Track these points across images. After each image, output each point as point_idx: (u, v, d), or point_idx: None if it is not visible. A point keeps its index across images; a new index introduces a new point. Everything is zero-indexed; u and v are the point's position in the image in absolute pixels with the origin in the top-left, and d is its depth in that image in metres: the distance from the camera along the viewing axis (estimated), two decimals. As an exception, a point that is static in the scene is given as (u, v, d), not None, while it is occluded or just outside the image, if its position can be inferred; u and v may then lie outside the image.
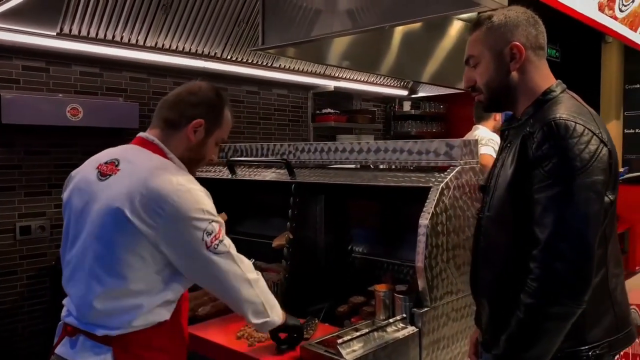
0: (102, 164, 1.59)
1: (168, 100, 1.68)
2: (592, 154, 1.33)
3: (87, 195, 1.56)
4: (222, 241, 1.55)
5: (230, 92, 4.34)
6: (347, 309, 2.37)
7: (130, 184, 1.49)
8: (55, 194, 3.33)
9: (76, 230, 1.57)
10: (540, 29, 1.55)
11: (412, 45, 4.17)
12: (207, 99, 1.66)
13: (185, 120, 1.62)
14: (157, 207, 1.45)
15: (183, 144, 1.63)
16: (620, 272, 1.51)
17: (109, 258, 1.49)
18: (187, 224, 1.48)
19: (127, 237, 1.47)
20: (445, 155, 2.16)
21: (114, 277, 1.48)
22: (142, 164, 1.55)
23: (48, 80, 3.30)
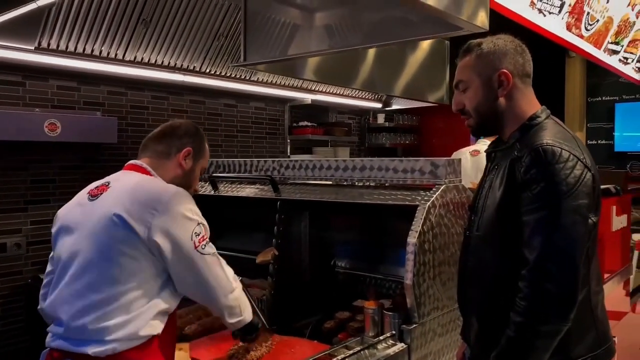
0: (92, 189, 1.70)
1: (153, 135, 1.82)
2: (577, 179, 1.41)
3: (79, 216, 1.65)
4: (208, 243, 1.64)
5: (208, 105, 4.34)
6: (333, 324, 2.40)
7: (123, 193, 1.61)
8: (32, 211, 3.26)
9: (70, 253, 1.61)
10: (526, 57, 1.63)
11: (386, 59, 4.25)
12: (191, 131, 1.85)
13: (175, 149, 1.78)
14: (150, 207, 1.56)
15: (172, 171, 1.76)
16: (600, 290, 1.59)
17: (106, 264, 1.55)
18: (177, 222, 1.58)
19: (124, 240, 1.54)
20: (430, 174, 2.22)
21: (111, 284, 1.54)
22: (131, 178, 1.69)
23: (24, 94, 3.24)
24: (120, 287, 1.54)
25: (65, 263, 1.61)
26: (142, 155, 1.79)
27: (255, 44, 3.04)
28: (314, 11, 2.93)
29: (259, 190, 2.80)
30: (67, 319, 1.56)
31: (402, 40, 2.67)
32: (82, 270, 1.57)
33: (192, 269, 1.61)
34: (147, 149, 1.79)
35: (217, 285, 1.66)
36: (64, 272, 1.61)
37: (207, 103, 4.32)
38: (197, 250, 1.60)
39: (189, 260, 1.59)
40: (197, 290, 1.66)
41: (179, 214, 1.59)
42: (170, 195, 1.61)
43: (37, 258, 3.26)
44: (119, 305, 1.53)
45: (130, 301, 1.54)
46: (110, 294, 1.53)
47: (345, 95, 5.16)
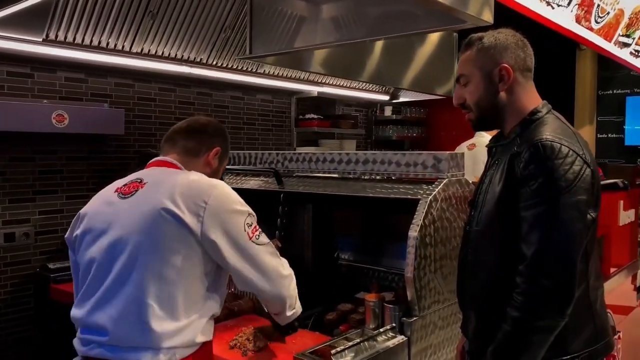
0: (121, 187, 1.62)
1: (182, 130, 1.76)
2: (576, 175, 1.41)
3: (112, 215, 1.55)
4: (261, 233, 1.61)
5: (214, 97, 4.35)
6: (335, 316, 2.41)
7: (166, 188, 1.54)
8: (40, 201, 3.31)
9: (109, 254, 1.51)
10: (528, 51, 1.63)
11: (393, 52, 4.23)
12: (221, 130, 1.82)
13: (205, 148, 1.74)
14: (199, 200, 1.51)
15: (200, 170, 1.70)
16: (600, 285, 1.60)
17: (158, 264, 1.46)
18: (229, 214, 1.54)
19: (176, 236, 1.48)
20: (433, 167, 2.22)
21: (164, 285, 1.46)
22: (171, 174, 1.62)
23: (33, 86, 3.28)
24: (174, 289, 1.46)
25: (102, 266, 1.51)
26: (169, 150, 1.72)
27: (261, 37, 3.05)
28: (320, 4, 2.93)
29: (263, 182, 2.81)
30: (113, 326, 1.46)
31: (406, 33, 2.68)
32: (129, 272, 1.47)
33: (252, 261, 1.56)
34: (175, 145, 1.72)
35: (279, 275, 1.62)
36: (102, 275, 1.51)
37: (213, 95, 4.34)
38: (252, 241, 1.56)
39: (246, 252, 1.55)
40: (259, 282, 1.59)
41: (229, 207, 1.55)
42: (218, 189, 1.56)
43: (45, 247, 3.31)
44: (174, 308, 1.46)
45: (185, 304, 1.47)
46: (164, 297, 1.45)
47: (352, 88, 5.15)
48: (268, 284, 1.61)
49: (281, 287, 1.64)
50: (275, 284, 1.62)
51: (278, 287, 1.63)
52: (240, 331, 2.15)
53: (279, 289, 1.64)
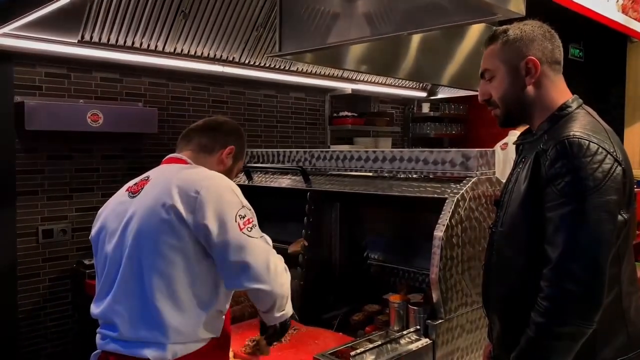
0: (131, 186, 1.66)
1: (198, 127, 1.78)
2: (605, 173, 1.32)
3: (122, 215, 1.59)
4: (255, 227, 1.54)
5: (247, 96, 4.37)
6: (361, 317, 2.38)
7: (166, 183, 1.56)
8: (76, 198, 3.39)
9: (118, 253, 1.55)
10: (556, 43, 1.54)
11: (431, 48, 4.15)
12: (237, 129, 1.82)
13: (219, 145, 1.75)
14: (192, 191, 1.51)
15: (215, 167, 1.71)
16: (635, 291, 1.49)
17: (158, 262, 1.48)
18: (221, 201, 1.50)
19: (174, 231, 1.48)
20: (461, 165, 2.16)
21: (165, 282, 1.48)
22: (172, 169, 1.65)
23: (70, 86, 3.36)
24: (175, 285, 1.48)
25: (113, 264, 1.56)
26: (183, 146, 1.75)
27: (291, 34, 3.03)
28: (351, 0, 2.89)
29: (291, 180, 2.80)
30: (121, 322, 1.51)
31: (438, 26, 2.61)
32: (132, 269, 1.51)
33: (240, 253, 1.48)
34: (190, 141, 1.74)
35: (270, 270, 1.53)
36: (113, 273, 1.55)
37: (246, 94, 4.35)
38: (243, 233, 1.49)
39: (235, 243, 1.48)
40: (246, 276, 1.50)
41: (221, 197, 1.51)
42: (213, 180, 1.56)
43: (81, 244, 3.39)
44: (176, 304, 1.48)
45: (186, 300, 1.49)
46: (165, 293, 1.47)
47: (388, 85, 5.07)
48: (257, 278, 1.51)
49: (272, 284, 1.53)
50: (264, 278, 1.51)
51: (268, 283, 1.52)
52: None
53: (269, 284, 1.53)
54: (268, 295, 1.55)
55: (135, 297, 1.50)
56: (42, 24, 2.86)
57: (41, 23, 2.84)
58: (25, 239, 3.22)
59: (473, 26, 4.29)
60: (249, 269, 1.50)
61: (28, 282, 3.24)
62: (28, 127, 3.04)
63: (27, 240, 3.23)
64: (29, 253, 3.24)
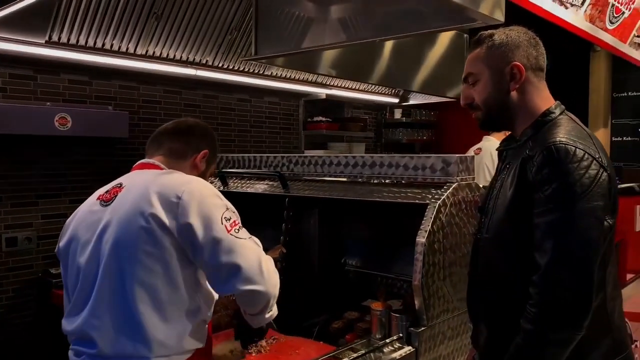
0: (103, 194, 1.58)
1: (167, 131, 1.70)
2: (592, 179, 1.33)
3: (95, 224, 1.51)
4: (242, 228, 1.49)
5: (221, 100, 4.30)
6: (341, 324, 2.35)
7: (143, 189, 1.48)
8: (43, 205, 3.27)
9: (93, 264, 1.48)
10: (540, 50, 1.56)
11: (403, 54, 4.17)
12: (209, 132, 1.77)
13: (192, 150, 1.68)
14: (172, 197, 1.44)
15: (187, 173, 1.63)
16: (618, 295, 1.51)
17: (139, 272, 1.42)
18: (204, 204, 1.44)
19: (155, 240, 1.42)
20: (442, 171, 2.15)
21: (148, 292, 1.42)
22: (147, 175, 1.57)
23: (36, 88, 3.24)
24: (159, 295, 1.41)
25: (87, 277, 1.48)
26: (154, 152, 1.67)
27: (266, 38, 3.00)
28: (328, 4, 2.87)
29: (268, 186, 2.75)
30: (100, 337, 1.44)
31: (416, 33, 2.61)
32: (112, 281, 1.43)
33: (232, 255, 1.42)
34: (160, 146, 1.67)
35: (265, 270, 1.46)
36: (88, 287, 1.47)
37: (220, 98, 4.29)
38: (231, 235, 1.43)
39: (223, 246, 1.42)
40: (240, 279, 1.43)
41: (204, 200, 1.45)
42: (193, 183, 1.49)
43: (47, 252, 3.26)
44: (160, 315, 1.42)
45: (171, 310, 1.43)
46: (149, 304, 1.41)
47: (361, 90, 5.09)
48: (250, 280, 1.44)
49: (266, 284, 1.47)
50: (258, 279, 1.45)
51: (262, 284, 1.46)
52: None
53: (264, 285, 1.46)
54: (262, 297, 1.49)
55: (116, 310, 1.43)
56: (7, 23, 2.75)
57: (6, 22, 2.73)
58: (-13, 247, 3.09)
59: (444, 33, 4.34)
60: (241, 271, 1.43)
61: (-10, 292, 3.11)
62: (-9, 130, 2.91)
63: (-10, 249, 3.10)
64: (-9, 262, 3.10)
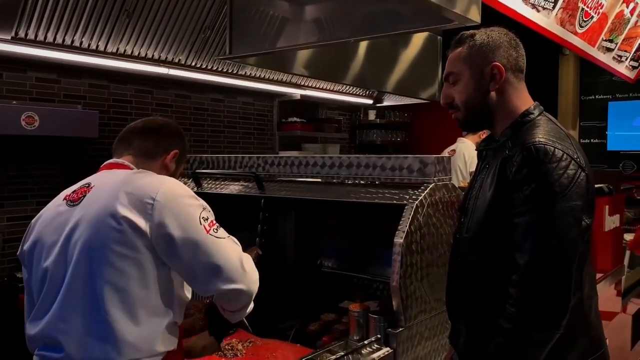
0: (69, 194, 1.52)
1: (137, 130, 1.65)
2: (570, 179, 1.34)
3: (62, 226, 1.45)
4: (220, 228, 1.46)
5: (194, 99, 4.24)
6: (318, 327, 2.32)
7: (113, 190, 1.43)
8: (8, 207, 3.16)
9: (59, 267, 1.42)
10: (520, 52, 1.57)
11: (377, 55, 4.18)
12: (179, 132, 1.73)
13: (162, 150, 1.64)
14: (147, 198, 1.40)
15: (157, 173, 1.58)
16: (594, 294, 1.53)
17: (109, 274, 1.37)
18: (181, 204, 1.41)
19: (125, 242, 1.37)
20: (419, 172, 2.15)
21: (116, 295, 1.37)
22: (118, 174, 1.51)
23: (1, 86, 3.14)
24: (129, 298, 1.37)
25: (54, 280, 1.42)
26: (123, 151, 1.61)
27: (241, 37, 2.96)
28: (303, 4, 2.85)
29: (243, 187, 2.71)
30: (68, 342, 1.39)
31: (392, 33, 2.61)
32: (81, 284, 1.39)
33: (213, 256, 1.40)
34: (130, 145, 1.61)
35: (246, 269, 1.45)
36: (55, 290, 1.42)
37: (193, 97, 4.23)
38: (210, 235, 1.41)
39: (203, 247, 1.39)
40: (220, 280, 1.42)
41: (181, 201, 1.41)
42: (167, 184, 1.45)
43: (13, 256, 3.15)
44: (131, 317, 1.37)
45: (142, 312, 1.39)
46: (120, 306, 1.37)
47: (336, 91, 5.08)
48: (232, 279, 1.43)
49: (248, 283, 1.47)
50: (239, 278, 1.44)
51: (244, 282, 1.46)
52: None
53: (245, 284, 1.46)
54: (245, 295, 1.48)
55: (85, 313, 1.38)
56: (-29, 18, 2.66)
57: (-31, 17, 2.63)
58: (-51, 251, 2.97)
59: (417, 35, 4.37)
60: (222, 271, 1.41)
61: (-48, 298, 2.99)
62: (-47, 129, 2.81)
63: (-48, 253, 2.98)
64: (-47, 266, 2.99)
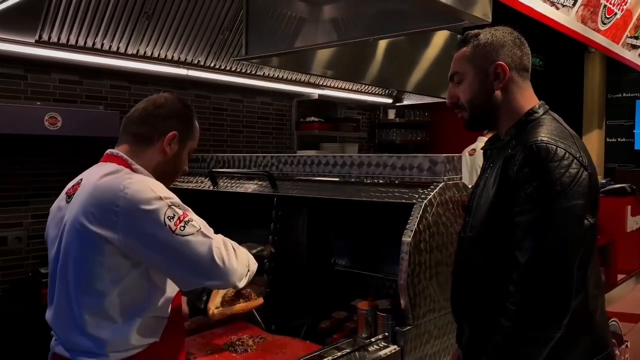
0: (69, 188, 1.58)
1: (134, 115, 1.64)
2: (572, 178, 1.34)
3: (60, 221, 1.53)
4: (188, 222, 1.44)
5: (213, 100, 4.30)
6: (329, 324, 2.34)
7: (84, 195, 1.47)
8: (32, 204, 3.26)
9: (54, 262, 1.53)
10: (525, 50, 1.56)
11: (397, 54, 4.18)
12: (176, 110, 1.63)
13: (158, 133, 1.58)
14: (111, 205, 1.41)
15: (157, 157, 1.59)
16: (599, 294, 1.52)
17: (83, 276, 1.45)
18: (145, 214, 1.40)
19: (93, 249, 1.42)
20: (429, 171, 2.15)
21: (91, 296, 1.44)
22: (95, 174, 1.52)
23: (26, 88, 3.24)
24: (104, 298, 1.44)
25: (53, 272, 1.54)
26: (120, 139, 1.62)
27: (257, 38, 3.00)
28: (318, 4, 2.88)
29: (257, 186, 2.75)
30: (60, 331, 1.52)
31: (404, 32, 2.63)
32: (62, 284, 1.49)
33: (180, 257, 1.42)
34: (127, 132, 1.61)
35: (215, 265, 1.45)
36: (53, 280, 1.54)
37: (212, 98, 4.29)
38: (176, 235, 1.41)
39: (171, 248, 1.41)
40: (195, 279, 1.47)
41: (144, 206, 1.41)
42: (130, 188, 1.42)
43: (37, 252, 3.26)
44: (107, 316, 1.45)
45: (117, 311, 1.45)
46: (95, 306, 1.44)
47: (354, 91, 5.09)
48: (206, 276, 1.47)
49: (224, 277, 1.48)
50: (213, 274, 1.47)
51: (219, 278, 1.48)
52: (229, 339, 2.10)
53: (221, 279, 1.48)
54: (222, 286, 1.58)
55: (65, 311, 1.49)
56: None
57: (-4, 21, 2.73)
58: (-24, 247, 3.09)
59: (438, 33, 4.35)
60: (193, 269, 1.45)
61: (-20, 292, 3.10)
62: (-20, 130, 2.91)
63: (-21, 249, 3.10)
64: (-20, 262, 3.10)
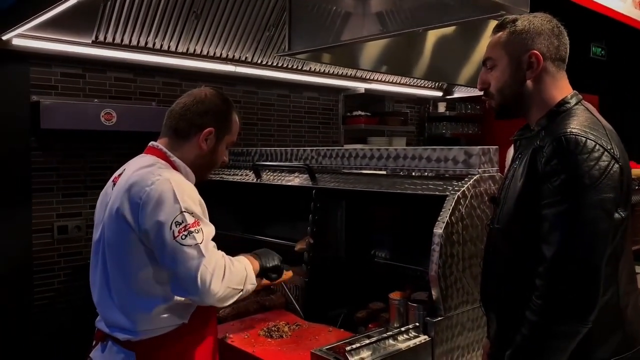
0: (116, 175, 1.72)
1: (175, 110, 1.73)
2: (602, 171, 1.31)
3: (105, 206, 1.67)
4: (191, 233, 1.50)
5: (260, 95, 4.40)
6: (365, 314, 2.38)
7: (122, 184, 1.60)
8: (90, 195, 3.46)
9: (99, 242, 1.67)
10: (563, 40, 1.51)
11: (447, 47, 4.11)
12: (214, 107, 1.71)
13: (195, 129, 1.68)
14: (137, 197, 1.53)
15: (194, 152, 1.69)
16: (633, 290, 1.48)
17: (116, 258, 1.59)
18: (159, 211, 1.50)
19: (122, 234, 1.55)
20: (464, 163, 2.15)
21: (123, 278, 1.58)
22: (134, 166, 1.65)
23: (85, 86, 3.44)
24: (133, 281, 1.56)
25: (95, 253, 1.69)
26: (163, 132, 1.74)
27: (300, 33, 3.05)
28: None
29: (298, 178, 2.81)
30: (102, 309, 1.66)
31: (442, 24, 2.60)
32: (103, 263, 1.63)
33: (171, 262, 1.51)
34: (167, 126, 1.72)
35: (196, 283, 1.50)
36: (96, 263, 1.69)
37: (259, 93, 4.38)
38: (175, 241, 1.49)
39: (168, 251, 1.50)
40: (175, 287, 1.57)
41: (160, 205, 1.51)
42: (156, 184, 1.53)
43: (95, 240, 3.46)
44: (136, 297, 1.57)
45: (144, 294, 1.57)
46: (126, 287, 1.58)
47: (402, 84, 5.06)
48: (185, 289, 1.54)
49: (202, 295, 1.51)
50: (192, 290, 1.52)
51: (197, 295, 1.52)
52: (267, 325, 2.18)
53: (198, 296, 1.52)
54: (203, 304, 1.58)
55: (104, 291, 1.62)
56: (57, 24, 2.93)
57: (55, 24, 2.90)
58: (40, 235, 3.30)
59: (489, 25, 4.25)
60: (177, 279, 1.55)
61: (43, 277, 3.32)
62: (43, 125, 3.12)
63: (43, 237, 3.32)
64: (44, 249, 3.32)
